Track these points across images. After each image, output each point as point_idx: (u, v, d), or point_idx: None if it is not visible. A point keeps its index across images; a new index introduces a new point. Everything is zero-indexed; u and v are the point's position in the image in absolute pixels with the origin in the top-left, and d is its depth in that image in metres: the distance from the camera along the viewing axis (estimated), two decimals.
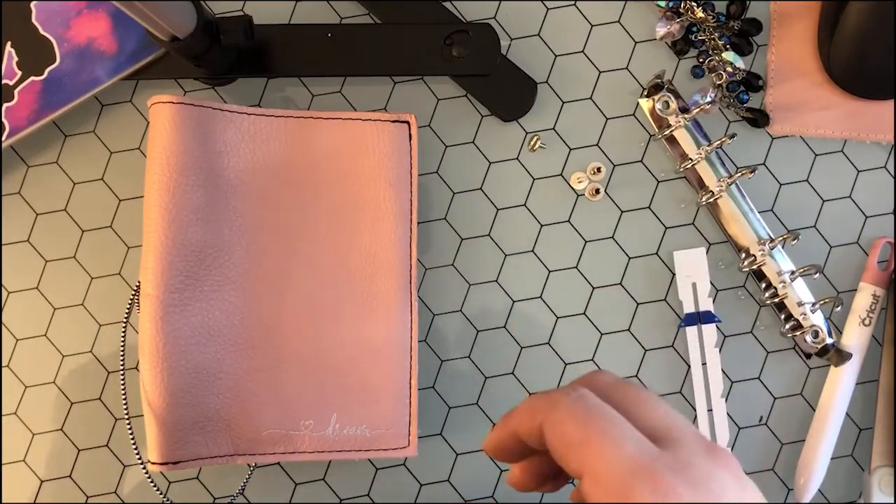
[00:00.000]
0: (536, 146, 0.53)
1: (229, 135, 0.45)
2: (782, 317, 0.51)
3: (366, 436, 0.46)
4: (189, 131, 0.44)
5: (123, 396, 0.45)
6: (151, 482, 0.45)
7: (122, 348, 0.45)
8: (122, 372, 0.45)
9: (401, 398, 0.46)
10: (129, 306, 0.44)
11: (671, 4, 0.52)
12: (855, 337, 0.52)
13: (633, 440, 0.26)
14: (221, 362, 0.44)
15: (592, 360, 0.53)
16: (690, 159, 0.51)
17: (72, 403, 0.52)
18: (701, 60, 0.53)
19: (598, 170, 0.53)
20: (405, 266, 0.47)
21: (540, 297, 0.53)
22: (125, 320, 0.45)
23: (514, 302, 0.53)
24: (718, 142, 0.51)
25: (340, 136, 0.47)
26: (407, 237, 0.47)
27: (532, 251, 0.53)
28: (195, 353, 0.43)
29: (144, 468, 0.44)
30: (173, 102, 0.44)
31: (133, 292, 0.44)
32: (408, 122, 0.48)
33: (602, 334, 0.53)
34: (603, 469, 0.25)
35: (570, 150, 0.53)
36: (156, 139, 0.44)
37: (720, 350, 0.52)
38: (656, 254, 0.53)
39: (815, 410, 0.53)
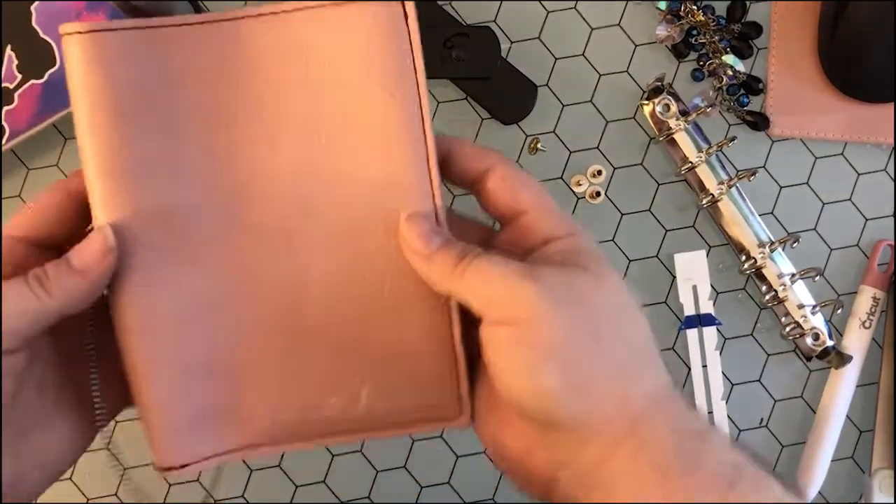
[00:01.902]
0: (537, 149, 0.53)
1: (169, 59, 0.34)
2: (783, 319, 0.51)
3: (408, 408, 0.37)
4: (114, 66, 0.33)
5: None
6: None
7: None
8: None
9: (443, 354, 0.36)
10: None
11: (671, 7, 0.52)
12: (855, 339, 0.52)
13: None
14: (214, 344, 0.36)
15: None
16: (691, 162, 0.51)
17: None
18: (701, 63, 0.53)
19: (599, 173, 0.53)
20: (426, 193, 0.35)
21: None
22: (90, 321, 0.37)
23: None
24: (718, 145, 0.51)
25: (314, 31, 0.35)
26: (423, 153, 0.35)
27: None
28: (180, 339, 0.35)
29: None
30: (87, 32, 0.33)
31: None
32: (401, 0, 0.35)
33: None
34: (553, 204, 0.34)
35: (571, 153, 0.53)
36: (75, 83, 0.33)
37: (721, 352, 0.52)
38: (657, 256, 0.53)
39: (815, 413, 0.53)
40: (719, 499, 0.28)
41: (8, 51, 0.50)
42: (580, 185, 0.53)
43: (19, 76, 0.49)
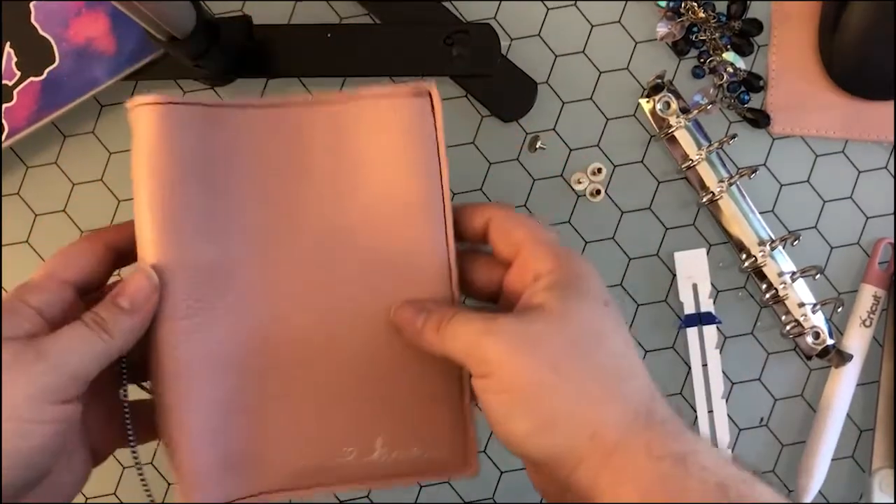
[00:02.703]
0: (536, 147, 0.52)
1: (224, 134, 0.38)
2: (783, 318, 0.51)
3: (419, 458, 0.39)
4: (178, 135, 0.37)
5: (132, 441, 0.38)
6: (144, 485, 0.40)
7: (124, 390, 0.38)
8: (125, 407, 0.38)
9: (454, 408, 0.39)
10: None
11: (672, 4, 0.52)
12: (856, 338, 0.52)
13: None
14: (242, 392, 0.38)
15: None
16: (691, 160, 0.51)
17: None
18: (702, 61, 0.53)
19: (599, 170, 0.52)
20: (443, 263, 0.39)
21: None
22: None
23: None
24: (719, 142, 0.51)
25: (350, 120, 0.39)
26: (441, 229, 0.39)
27: None
28: (211, 385, 0.37)
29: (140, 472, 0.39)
30: (158, 103, 0.37)
31: None
32: (429, 94, 0.39)
33: None
34: (546, 236, 0.36)
35: (571, 150, 0.53)
36: (141, 148, 0.36)
37: (721, 351, 0.52)
38: (657, 255, 0.53)
39: (815, 412, 0.52)
40: None
41: (7, 48, 0.49)
42: (580, 182, 0.52)
43: (18, 73, 0.49)
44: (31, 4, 0.50)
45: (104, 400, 0.36)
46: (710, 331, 0.52)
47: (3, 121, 0.49)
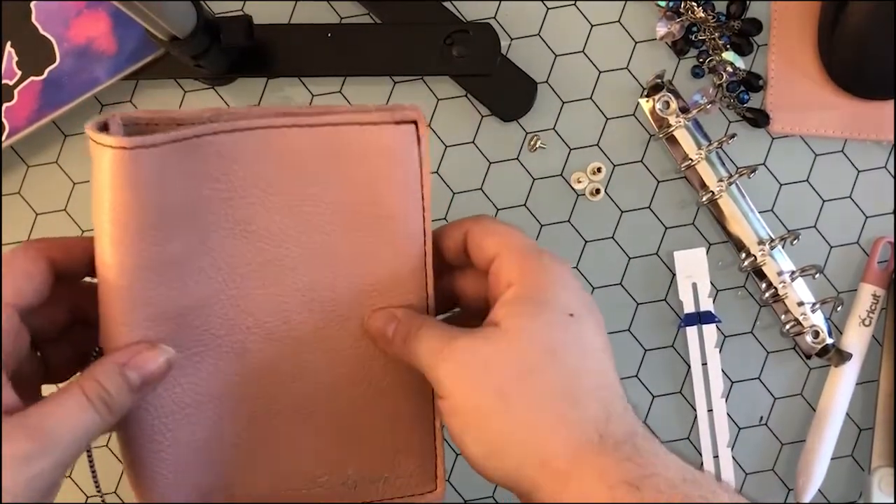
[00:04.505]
0: (536, 146, 0.53)
1: (193, 165, 0.34)
2: (782, 317, 0.51)
3: (388, 484, 0.40)
4: (144, 183, 0.32)
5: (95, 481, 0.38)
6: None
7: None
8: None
9: (424, 435, 0.40)
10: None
11: (671, 4, 0.52)
12: (855, 337, 0.52)
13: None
14: (214, 431, 0.37)
15: None
16: (691, 159, 0.51)
17: None
18: (701, 60, 0.53)
19: (599, 170, 0.53)
20: (421, 291, 0.38)
21: None
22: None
23: None
24: (718, 142, 0.51)
25: (330, 143, 0.37)
26: (421, 257, 0.38)
27: None
28: (183, 424, 0.36)
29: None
30: (120, 148, 0.31)
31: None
32: (415, 123, 0.37)
33: None
34: (518, 242, 0.35)
35: (571, 150, 0.53)
36: (102, 191, 0.32)
37: (720, 350, 0.52)
38: (656, 254, 0.53)
39: (815, 411, 0.53)
40: None
41: (7, 47, 0.50)
42: (580, 182, 0.53)
43: (19, 73, 0.49)
44: (32, 4, 0.50)
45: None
46: (710, 330, 0.52)
47: (4, 120, 0.49)
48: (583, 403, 0.31)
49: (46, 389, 0.34)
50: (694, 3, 0.52)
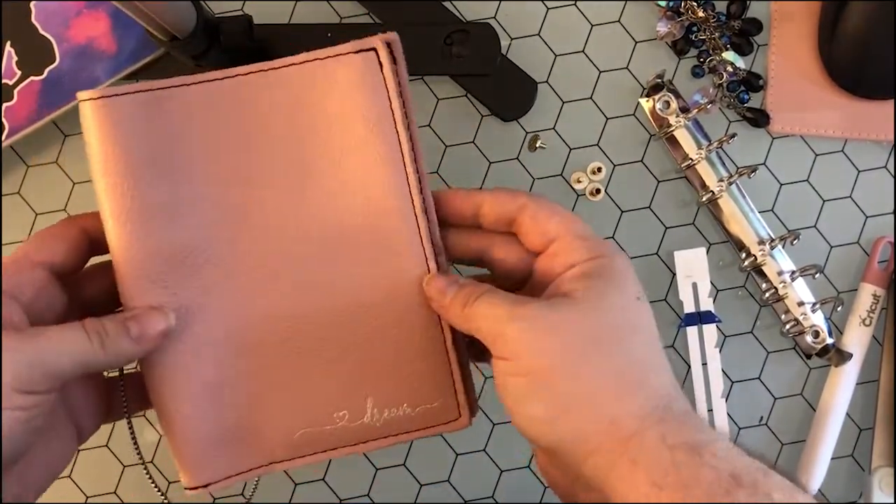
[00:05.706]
0: (536, 146, 0.53)
1: (175, 116, 0.38)
2: (783, 317, 0.51)
3: (410, 415, 0.41)
4: (124, 129, 0.37)
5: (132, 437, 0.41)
6: (151, 481, 0.43)
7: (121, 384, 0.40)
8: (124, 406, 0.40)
9: (439, 363, 0.40)
10: None
11: (671, 4, 0.52)
12: (855, 337, 0.52)
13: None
14: (227, 371, 0.39)
15: None
16: (691, 159, 0.51)
17: None
18: (701, 60, 0.53)
19: (599, 170, 0.53)
20: (408, 215, 0.39)
21: None
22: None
23: None
24: (718, 141, 0.51)
25: (300, 82, 0.39)
26: (403, 182, 0.39)
27: None
28: (197, 365, 0.38)
29: (145, 468, 0.42)
30: (101, 97, 0.36)
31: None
32: (374, 49, 0.38)
33: None
34: (581, 228, 0.36)
35: (571, 149, 0.53)
36: (90, 144, 0.37)
37: (720, 350, 0.52)
38: (656, 254, 0.53)
39: (815, 410, 0.53)
40: None
41: (7, 47, 0.50)
42: (580, 182, 0.53)
43: (19, 73, 0.49)
44: (32, 4, 0.50)
45: (88, 378, 0.37)
46: (710, 330, 0.52)
47: (4, 120, 0.49)
48: (654, 376, 0.33)
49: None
50: (694, 3, 0.52)
